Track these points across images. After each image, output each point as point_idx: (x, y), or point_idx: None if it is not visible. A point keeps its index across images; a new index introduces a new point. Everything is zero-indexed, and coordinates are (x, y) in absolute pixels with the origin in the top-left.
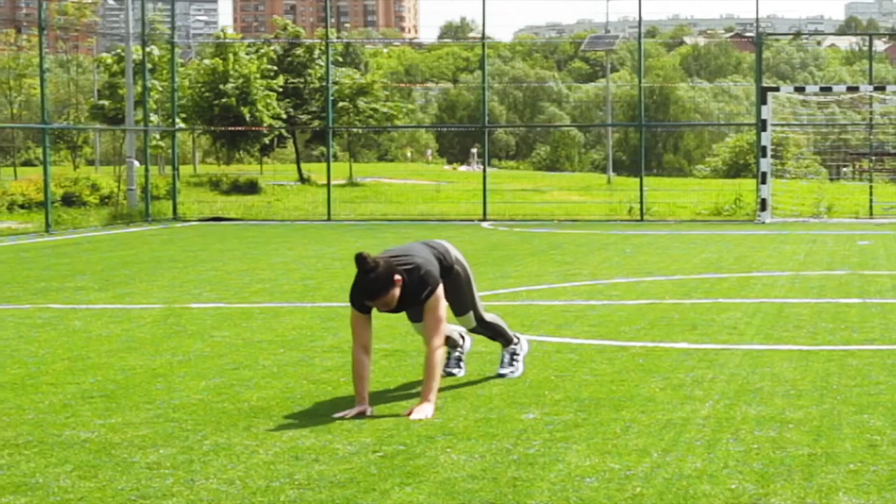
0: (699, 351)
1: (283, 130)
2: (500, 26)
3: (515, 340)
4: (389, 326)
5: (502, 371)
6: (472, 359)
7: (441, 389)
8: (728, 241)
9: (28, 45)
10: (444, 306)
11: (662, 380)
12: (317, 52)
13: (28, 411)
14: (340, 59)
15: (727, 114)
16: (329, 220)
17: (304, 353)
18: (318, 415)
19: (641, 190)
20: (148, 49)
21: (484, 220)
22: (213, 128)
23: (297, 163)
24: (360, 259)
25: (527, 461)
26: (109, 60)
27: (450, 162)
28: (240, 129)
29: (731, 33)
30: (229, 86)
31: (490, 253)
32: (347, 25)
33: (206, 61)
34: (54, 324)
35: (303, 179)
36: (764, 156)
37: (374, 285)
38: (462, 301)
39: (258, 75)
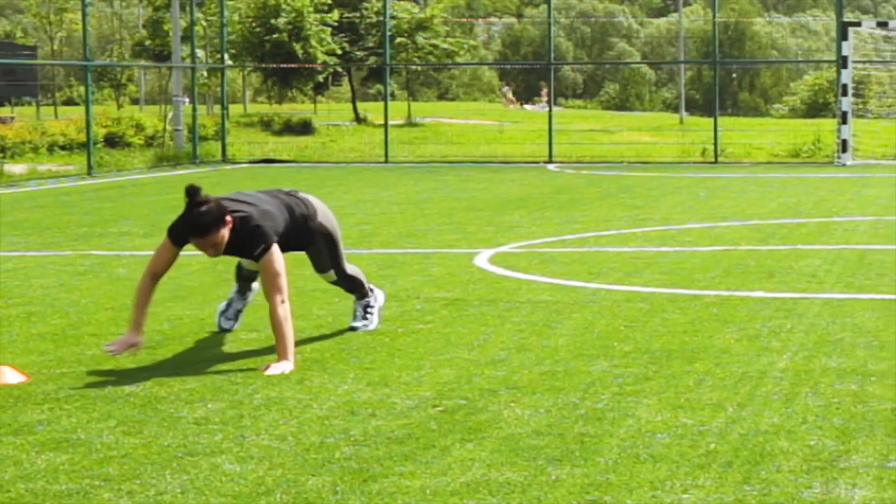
0: (776, 300)
1: (337, 68)
2: None
3: (370, 293)
4: (450, 274)
5: (355, 324)
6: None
7: (507, 342)
8: (807, 184)
9: None
10: (280, 262)
11: (738, 330)
12: None
13: (69, 363)
14: None
15: (806, 50)
16: (386, 162)
17: None
18: (375, 367)
19: (715, 130)
20: None
21: (550, 161)
22: (263, 65)
23: (353, 102)
24: (192, 190)
25: (595, 416)
26: None
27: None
28: (292, 66)
29: None
30: (281, 20)
31: (556, 196)
32: None
33: None
34: (97, 271)
35: (359, 119)
36: (844, 94)
37: (203, 219)
38: (321, 260)
39: (311, 9)
